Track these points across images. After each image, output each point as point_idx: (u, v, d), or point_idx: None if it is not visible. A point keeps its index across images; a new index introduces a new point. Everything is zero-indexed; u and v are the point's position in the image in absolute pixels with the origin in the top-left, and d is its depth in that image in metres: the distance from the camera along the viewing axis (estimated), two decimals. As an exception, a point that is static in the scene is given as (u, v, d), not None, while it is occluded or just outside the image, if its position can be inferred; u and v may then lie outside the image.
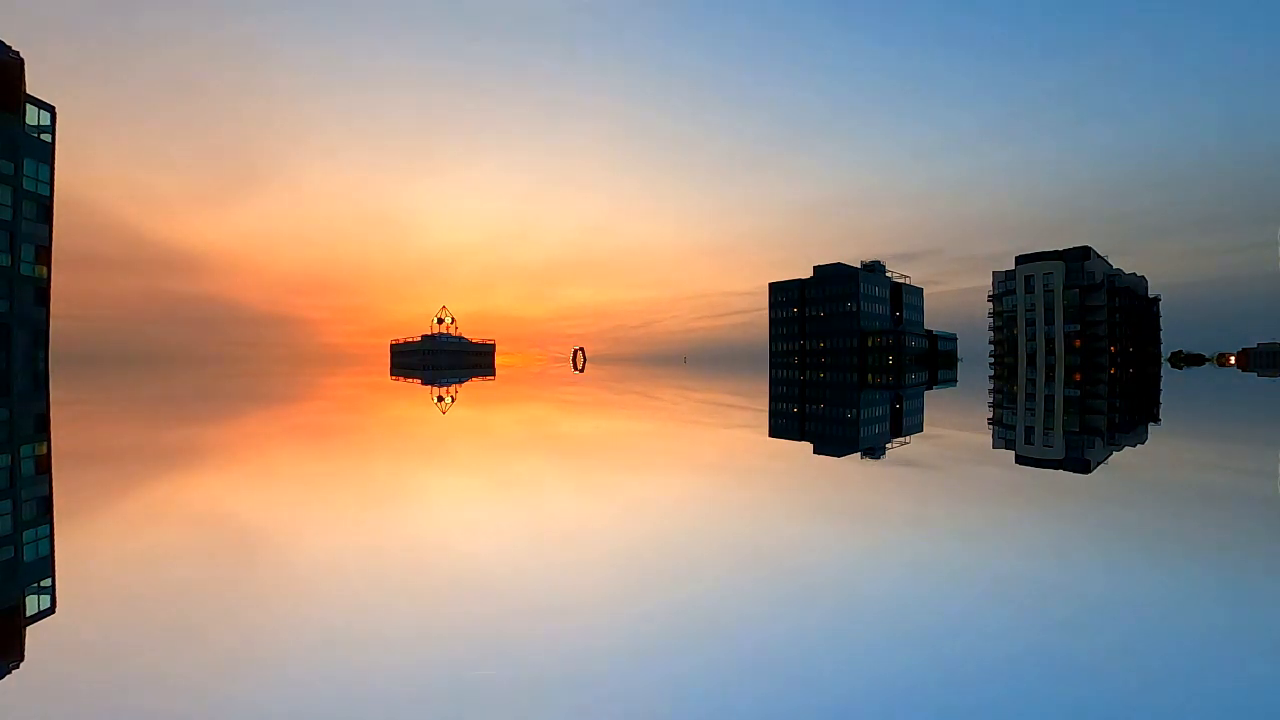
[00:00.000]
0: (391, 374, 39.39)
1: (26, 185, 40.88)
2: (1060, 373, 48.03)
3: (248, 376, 30.71)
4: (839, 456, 6.49)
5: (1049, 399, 16.06)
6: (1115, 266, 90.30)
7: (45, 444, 7.01)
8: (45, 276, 42.70)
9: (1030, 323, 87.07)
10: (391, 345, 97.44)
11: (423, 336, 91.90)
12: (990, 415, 11.42)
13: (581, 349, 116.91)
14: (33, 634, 2.16)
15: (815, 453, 6.85)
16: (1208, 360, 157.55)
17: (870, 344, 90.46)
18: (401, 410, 12.75)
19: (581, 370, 49.34)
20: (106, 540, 3.27)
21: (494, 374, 40.13)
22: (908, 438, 7.98)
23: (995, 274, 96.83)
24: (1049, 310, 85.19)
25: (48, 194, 42.43)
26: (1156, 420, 10.48)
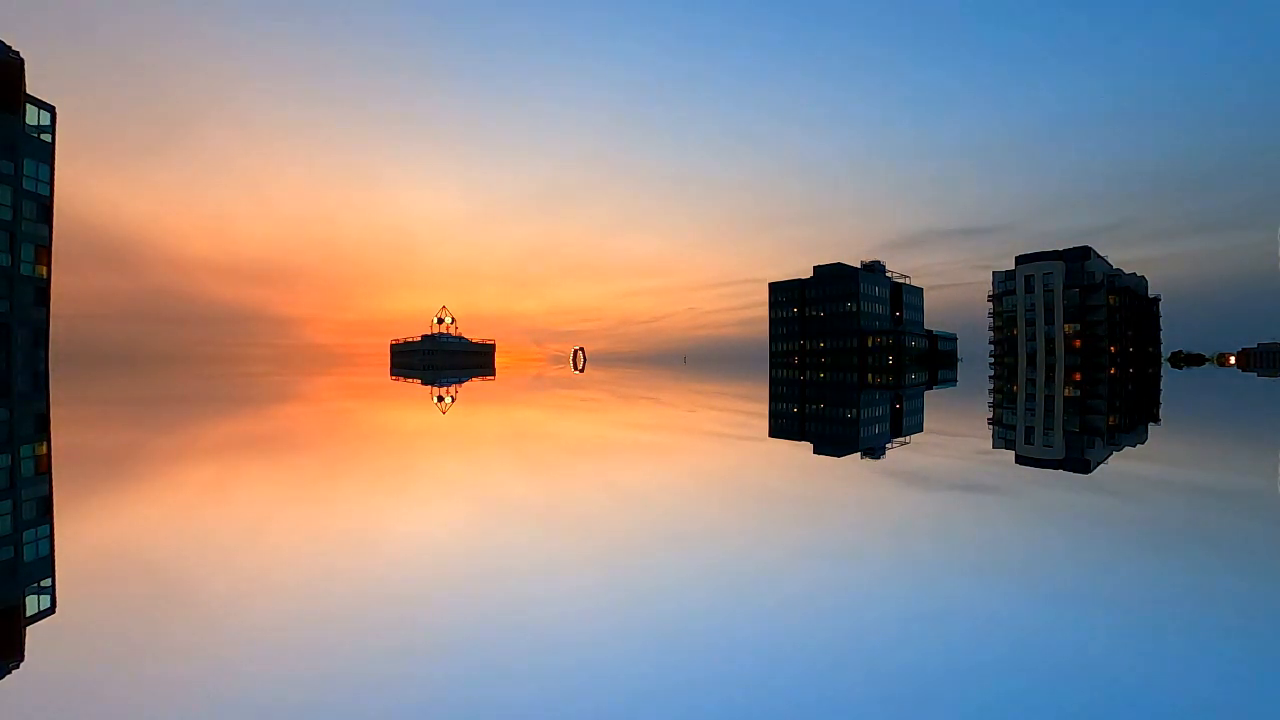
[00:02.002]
0: (391, 374, 39.40)
1: (26, 185, 40.90)
2: (1060, 373, 48.03)
3: (239, 380, 30.70)
4: (839, 456, 6.49)
5: (1049, 399, 16.06)
6: (1115, 266, 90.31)
7: (45, 444, 7.01)
8: (45, 276, 42.71)
9: (1030, 323, 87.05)
10: (391, 345, 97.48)
11: (423, 336, 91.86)
12: (990, 415, 11.42)
13: (581, 349, 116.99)
14: (33, 634, 2.16)
15: (815, 453, 6.85)
16: (1208, 360, 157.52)
17: (870, 344, 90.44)
18: (405, 413, 12.75)
19: (581, 370, 49.34)
20: (106, 540, 3.27)
21: (494, 374, 40.14)
22: (908, 437, 7.98)
23: (995, 274, 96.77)
24: (1049, 310, 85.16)
25: (48, 194, 42.44)
26: (1156, 420, 10.48)
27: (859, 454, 6.62)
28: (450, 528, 3.59)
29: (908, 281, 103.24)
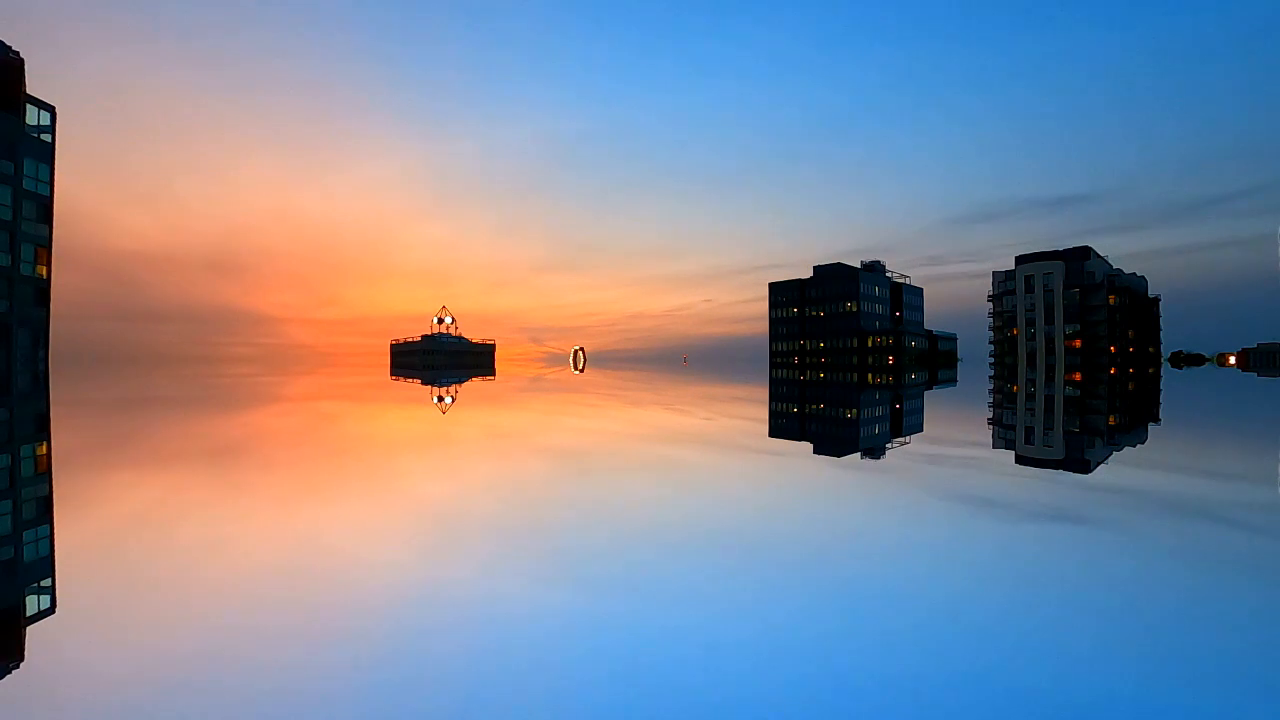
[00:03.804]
0: (391, 374, 39.40)
1: (26, 185, 40.88)
2: (1060, 373, 48.01)
3: (228, 381, 30.68)
4: (839, 456, 6.49)
5: (1049, 399, 16.06)
6: (1115, 266, 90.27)
7: (45, 444, 7.01)
8: (45, 276, 42.69)
9: (1030, 323, 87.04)
10: (391, 345, 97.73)
11: (423, 337, 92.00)
12: (990, 415, 11.42)
13: (581, 348, 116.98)
14: (33, 634, 2.16)
15: (815, 453, 6.85)
16: (1208, 360, 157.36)
17: (870, 344, 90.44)
18: (404, 415, 12.74)
19: (581, 371, 49.31)
20: (106, 540, 3.27)
21: (494, 374, 40.13)
22: (908, 437, 7.98)
23: (995, 274, 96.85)
24: (1049, 310, 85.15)
25: (48, 194, 42.43)
26: (1156, 420, 10.48)
27: (859, 454, 6.62)
28: (446, 536, 3.59)
29: (907, 281, 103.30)
